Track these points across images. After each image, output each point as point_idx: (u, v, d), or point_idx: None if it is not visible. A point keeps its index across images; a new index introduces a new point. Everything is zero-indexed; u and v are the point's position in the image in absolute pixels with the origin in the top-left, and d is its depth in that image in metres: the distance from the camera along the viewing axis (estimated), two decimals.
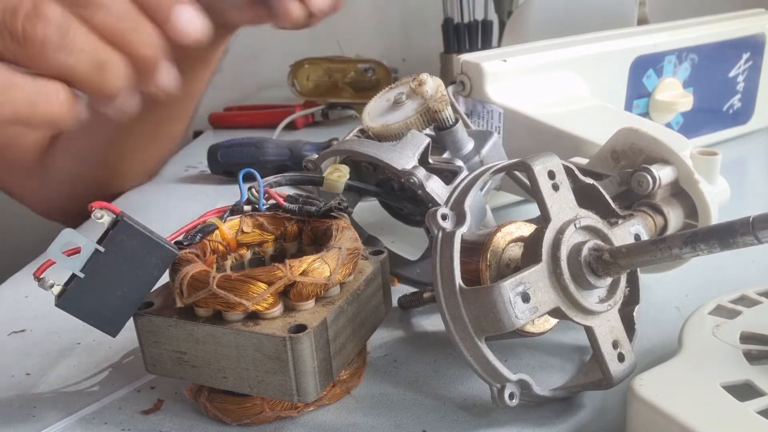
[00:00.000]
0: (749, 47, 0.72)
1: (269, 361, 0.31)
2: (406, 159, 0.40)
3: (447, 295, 0.31)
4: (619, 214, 0.37)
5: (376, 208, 0.50)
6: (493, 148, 0.45)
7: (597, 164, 0.44)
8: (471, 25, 1.11)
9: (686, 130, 0.68)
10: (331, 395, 0.35)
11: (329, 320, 0.31)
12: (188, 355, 0.32)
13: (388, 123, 0.43)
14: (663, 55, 0.66)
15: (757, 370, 0.29)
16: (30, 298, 0.49)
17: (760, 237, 0.26)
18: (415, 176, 0.39)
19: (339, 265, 0.32)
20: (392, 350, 0.40)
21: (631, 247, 0.31)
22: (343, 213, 0.37)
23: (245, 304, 0.30)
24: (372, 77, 1.02)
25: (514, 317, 0.29)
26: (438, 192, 0.39)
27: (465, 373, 0.37)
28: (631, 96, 0.65)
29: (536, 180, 0.32)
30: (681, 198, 0.41)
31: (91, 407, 0.36)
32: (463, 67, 0.55)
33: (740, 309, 0.35)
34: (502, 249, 0.34)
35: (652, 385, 0.29)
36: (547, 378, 0.37)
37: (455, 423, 0.33)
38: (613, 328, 0.33)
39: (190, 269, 0.31)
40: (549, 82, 0.57)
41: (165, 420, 0.35)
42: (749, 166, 0.73)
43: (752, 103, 0.75)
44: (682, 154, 0.41)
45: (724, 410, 0.27)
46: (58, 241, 0.30)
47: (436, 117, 0.43)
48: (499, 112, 0.53)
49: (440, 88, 0.43)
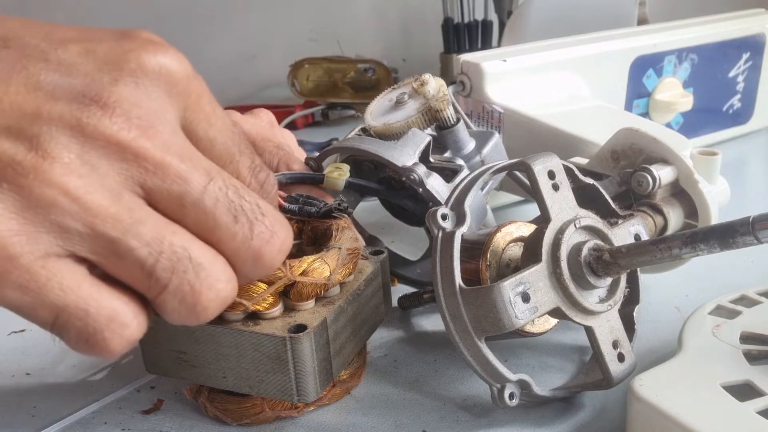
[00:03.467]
0: (749, 47, 0.72)
1: (269, 361, 0.31)
2: (407, 156, 0.40)
3: (447, 295, 0.31)
4: (619, 214, 0.37)
5: (376, 208, 0.50)
6: (494, 149, 0.45)
7: (597, 164, 0.44)
8: (471, 25, 1.11)
9: (686, 130, 0.68)
10: (331, 395, 0.35)
11: (329, 320, 0.31)
12: (188, 355, 0.32)
13: (390, 122, 0.43)
14: (663, 55, 0.66)
15: (757, 370, 0.29)
16: None
17: (760, 237, 0.26)
18: (415, 173, 0.39)
19: (339, 265, 0.32)
20: (392, 350, 0.40)
21: (631, 247, 0.31)
22: (343, 213, 0.37)
23: (245, 304, 0.30)
24: (372, 77, 1.02)
25: (514, 317, 0.29)
26: (438, 189, 0.39)
27: (465, 373, 0.37)
28: (631, 96, 0.65)
29: (536, 180, 0.32)
30: (681, 198, 0.41)
31: (91, 407, 0.36)
32: (463, 67, 0.55)
33: (740, 309, 0.35)
34: (502, 249, 0.34)
35: (652, 385, 0.29)
36: (547, 378, 0.37)
37: (455, 423, 0.33)
38: (613, 328, 0.33)
39: None
40: (549, 82, 0.57)
41: (165, 420, 0.35)
42: (749, 166, 0.73)
43: (752, 103, 0.75)
44: (682, 154, 0.41)
45: (724, 410, 0.27)
46: None
47: (438, 116, 0.43)
48: (499, 112, 0.53)
49: (442, 88, 0.43)
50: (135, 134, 0.23)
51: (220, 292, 0.24)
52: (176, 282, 0.23)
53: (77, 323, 0.23)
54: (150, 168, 0.23)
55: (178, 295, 0.24)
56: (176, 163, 0.24)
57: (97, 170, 0.22)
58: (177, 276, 0.23)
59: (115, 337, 0.23)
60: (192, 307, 0.24)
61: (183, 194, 0.24)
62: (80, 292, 0.23)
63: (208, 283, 0.24)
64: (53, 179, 0.22)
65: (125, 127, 0.23)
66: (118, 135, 0.23)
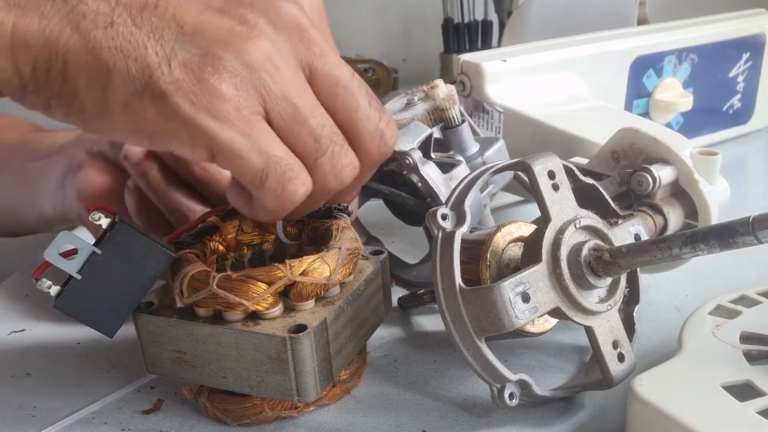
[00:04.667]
0: (749, 47, 0.72)
1: (269, 361, 0.31)
2: (405, 143, 0.41)
3: (447, 295, 0.31)
4: (619, 214, 0.36)
5: (376, 208, 0.50)
6: (497, 152, 0.45)
7: (597, 164, 0.44)
8: (471, 25, 1.11)
9: (686, 130, 0.68)
10: (331, 395, 0.35)
11: (329, 320, 0.31)
12: (188, 355, 0.32)
13: (397, 119, 0.44)
14: (663, 55, 0.66)
15: (757, 370, 0.29)
16: (30, 298, 0.49)
17: (760, 237, 0.26)
18: (410, 157, 0.40)
19: (339, 265, 0.32)
20: (392, 350, 0.40)
21: (631, 247, 0.31)
22: (343, 213, 0.37)
23: (245, 304, 0.30)
24: (372, 77, 1.02)
25: (514, 317, 0.29)
26: (433, 177, 0.40)
27: (465, 373, 0.37)
28: (631, 96, 0.65)
29: (536, 180, 0.32)
30: (681, 198, 0.41)
31: (91, 407, 0.36)
32: (463, 67, 0.55)
33: (740, 309, 0.35)
34: (502, 249, 0.34)
35: (652, 385, 0.29)
36: (547, 378, 0.37)
37: (455, 423, 0.33)
38: (613, 328, 0.33)
39: (190, 269, 0.31)
40: (549, 82, 0.57)
41: (165, 420, 0.35)
42: (749, 166, 0.73)
43: (752, 103, 0.75)
44: (682, 154, 0.41)
45: (724, 410, 0.27)
46: (55, 243, 0.30)
47: (443, 115, 0.44)
48: (499, 112, 0.53)
49: (452, 92, 0.45)
50: (308, 20, 0.30)
51: (352, 166, 0.32)
52: (332, 149, 0.30)
53: (278, 170, 0.29)
54: (317, 52, 0.30)
55: (332, 160, 0.30)
56: (334, 53, 0.31)
57: (285, 47, 0.29)
58: (333, 145, 0.30)
59: (300, 188, 0.30)
60: (338, 172, 0.31)
61: (339, 78, 0.30)
62: (281, 147, 0.29)
63: (348, 157, 0.31)
64: (262, 48, 0.28)
65: (303, 13, 0.30)
66: (299, 18, 0.30)
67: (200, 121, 0.27)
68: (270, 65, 0.28)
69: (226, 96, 0.27)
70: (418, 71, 1.26)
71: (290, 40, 0.29)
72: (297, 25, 0.30)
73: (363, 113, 0.31)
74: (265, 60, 0.28)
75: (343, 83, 0.31)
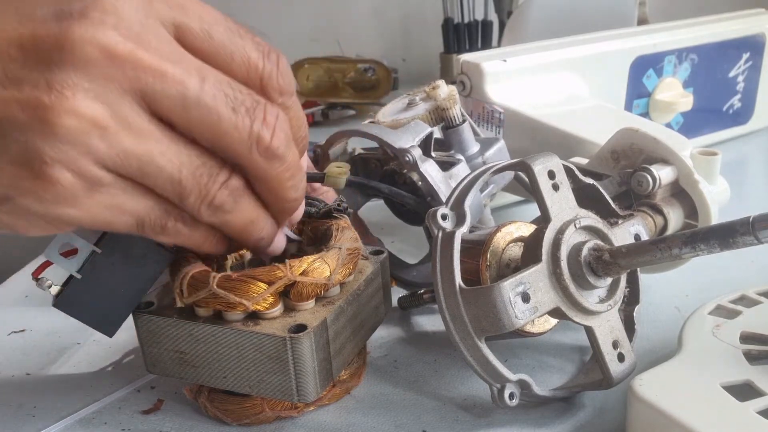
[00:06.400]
0: (749, 47, 0.72)
1: (269, 361, 0.31)
2: (405, 140, 0.41)
3: (447, 295, 0.31)
4: (619, 214, 0.37)
5: (376, 208, 0.50)
6: (497, 152, 0.46)
7: (597, 164, 0.44)
8: (471, 25, 1.11)
9: (686, 130, 0.68)
10: (331, 395, 0.35)
11: (329, 320, 0.31)
12: (188, 355, 0.32)
13: (398, 118, 0.44)
14: (663, 55, 0.66)
15: (757, 370, 0.29)
16: (30, 298, 0.49)
17: (760, 237, 0.26)
18: (410, 154, 0.40)
19: (339, 265, 0.32)
20: (392, 350, 0.40)
21: (631, 247, 0.31)
22: (343, 213, 0.37)
23: (245, 304, 0.30)
24: (372, 77, 1.02)
25: (514, 317, 0.29)
26: (433, 175, 0.40)
27: (465, 373, 0.37)
28: (631, 96, 0.65)
29: (536, 180, 0.32)
30: (681, 198, 0.41)
31: (91, 407, 0.36)
32: (463, 67, 0.55)
33: (740, 309, 0.35)
34: (502, 249, 0.34)
35: (652, 385, 0.29)
36: (547, 378, 0.37)
37: (455, 423, 0.33)
38: (613, 328, 0.33)
39: (190, 269, 0.31)
40: (549, 82, 0.57)
41: (165, 420, 0.35)
42: (749, 166, 0.73)
43: (752, 103, 0.75)
44: (682, 154, 0.41)
45: (724, 410, 0.27)
46: (55, 243, 0.30)
47: (444, 115, 0.44)
48: (499, 112, 0.53)
49: (453, 92, 0.45)
50: (130, 46, 0.24)
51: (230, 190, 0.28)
52: (198, 182, 0.26)
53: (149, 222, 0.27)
54: (150, 77, 0.24)
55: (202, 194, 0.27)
56: (171, 68, 0.25)
57: (108, 93, 0.24)
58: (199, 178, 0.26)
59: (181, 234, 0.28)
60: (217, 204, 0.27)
61: (183, 96, 0.25)
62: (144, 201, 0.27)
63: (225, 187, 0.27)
64: (79, 114, 0.23)
65: (121, 40, 0.24)
66: (117, 46, 0.24)
67: (57, 213, 0.25)
68: (95, 131, 0.24)
69: (65, 183, 0.24)
70: (418, 71, 1.26)
71: (114, 78, 0.24)
72: (115, 56, 0.24)
73: (227, 124, 0.26)
74: (88, 127, 0.24)
75: (192, 100, 0.25)
